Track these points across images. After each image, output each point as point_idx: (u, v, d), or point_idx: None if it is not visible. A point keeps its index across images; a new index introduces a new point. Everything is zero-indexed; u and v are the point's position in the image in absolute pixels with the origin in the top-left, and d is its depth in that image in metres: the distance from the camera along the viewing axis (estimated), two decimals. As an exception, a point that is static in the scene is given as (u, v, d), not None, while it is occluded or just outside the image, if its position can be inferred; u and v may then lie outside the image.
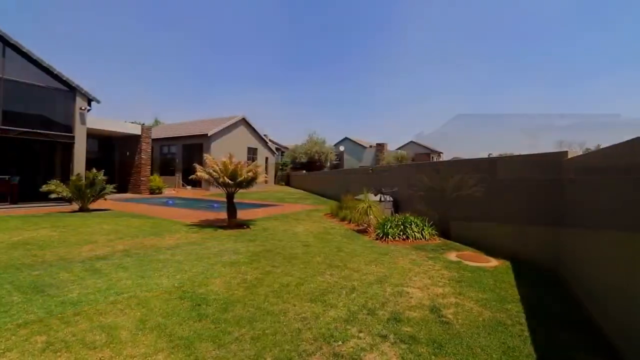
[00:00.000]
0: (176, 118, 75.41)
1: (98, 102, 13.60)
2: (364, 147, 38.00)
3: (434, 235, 6.88)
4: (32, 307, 3.22)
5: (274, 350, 2.46)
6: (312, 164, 31.87)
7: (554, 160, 4.70)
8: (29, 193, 12.69)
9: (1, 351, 2.44)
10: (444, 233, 7.00)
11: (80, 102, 13.08)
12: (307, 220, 9.22)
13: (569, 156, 4.42)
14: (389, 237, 6.58)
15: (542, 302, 3.54)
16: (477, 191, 6.27)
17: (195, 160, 21.95)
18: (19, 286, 3.77)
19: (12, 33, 11.18)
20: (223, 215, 9.60)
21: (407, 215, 7.36)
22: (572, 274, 3.93)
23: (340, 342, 2.59)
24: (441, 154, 47.10)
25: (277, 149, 34.23)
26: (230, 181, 7.47)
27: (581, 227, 3.63)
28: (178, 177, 22.54)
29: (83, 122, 13.19)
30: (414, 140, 47.22)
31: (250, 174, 7.71)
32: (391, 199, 9.23)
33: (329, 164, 34.47)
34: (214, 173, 7.56)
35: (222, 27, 74.75)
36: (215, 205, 13.24)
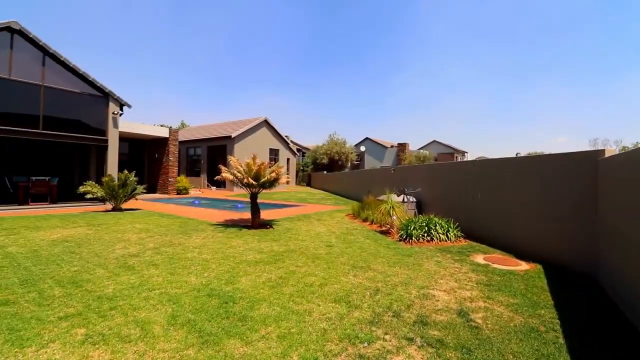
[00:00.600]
0: (201, 120, 77.72)
1: (129, 106, 14.26)
2: (385, 147, 37.61)
3: (459, 237, 6.71)
4: (72, 301, 3.41)
5: (300, 349, 2.48)
6: (333, 165, 31.85)
7: (588, 159, 4.46)
8: (67, 193, 13.51)
9: (45, 342, 2.59)
10: (470, 235, 6.80)
11: (113, 107, 13.76)
12: (329, 221, 9.23)
13: (607, 155, 4.18)
14: (413, 238, 6.48)
15: (578, 309, 3.37)
16: (505, 191, 6.05)
17: (220, 162, 22.56)
18: (60, 281, 4.01)
19: (52, 40, 11.94)
20: (247, 215, 9.78)
21: (432, 216, 7.22)
22: (610, 280, 3.71)
23: (365, 344, 2.58)
24: (465, 154, 45.81)
25: (298, 150, 34.53)
26: (254, 182, 7.61)
27: (620, 231, 3.42)
28: (203, 177, 23.20)
29: (115, 125, 13.87)
30: (437, 139, 46.18)
31: (273, 174, 7.81)
32: (414, 199, 9.07)
33: (349, 164, 34.33)
34: (238, 174, 7.73)
35: (244, 33, 76.36)
36: (239, 205, 13.53)
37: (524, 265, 4.88)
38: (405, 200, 8.99)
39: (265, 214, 9.44)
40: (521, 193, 5.65)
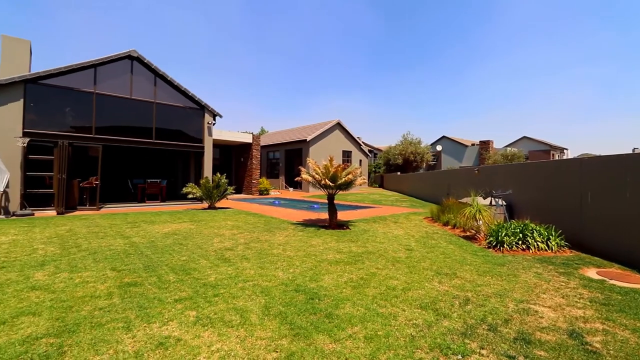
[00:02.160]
0: (278, 126, 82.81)
1: (220, 116, 16.03)
2: (465, 146, 34.77)
3: (563, 247, 5.86)
4: (184, 286, 3.97)
5: (388, 353, 2.47)
6: (407, 165, 30.73)
7: None
8: (172, 193, 15.76)
9: (165, 320, 3.05)
10: (578, 244, 5.89)
11: (207, 118, 15.64)
12: (407, 224, 8.94)
13: None
14: (504, 246, 5.88)
15: None
16: (625, 194, 5.07)
17: (296, 164, 23.71)
18: (173, 268, 4.70)
19: (158, 62, 14.08)
20: (323, 215, 10.09)
21: (527, 222, 6.45)
22: None
23: (459, 356, 2.44)
24: (565, 151, 39.56)
25: (370, 151, 34.23)
26: (331, 183, 7.81)
27: None
28: (282, 179, 24.66)
29: (210, 134, 15.71)
30: (527, 135, 40.78)
31: (349, 176, 7.92)
32: (503, 203, 8.21)
33: (425, 164, 32.67)
34: (317, 176, 8.02)
35: (314, 43, 78.90)
36: (316, 206, 14.00)
37: (655, 285, 4.03)
38: (493, 203, 8.21)
39: (340, 215, 9.58)
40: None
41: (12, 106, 10.80)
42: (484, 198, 8.78)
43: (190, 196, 12.36)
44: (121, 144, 13.25)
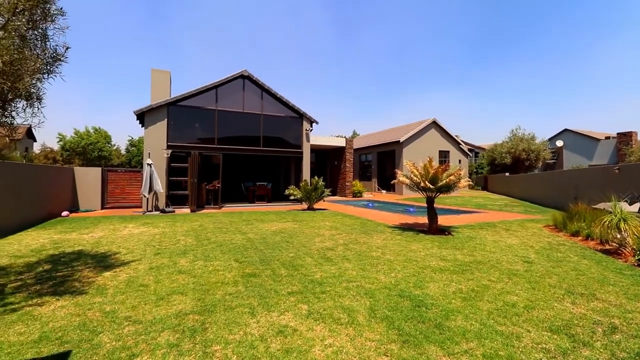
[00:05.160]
0: (369, 128, 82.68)
1: (317, 123, 16.98)
2: (596, 140, 28.63)
3: None
4: (294, 280, 4.34)
5: (513, 375, 2.26)
6: (517, 165, 26.91)
7: None
8: (276, 194, 17.36)
9: (282, 310, 3.40)
10: None
11: (305, 125, 16.78)
12: (522, 232, 7.87)
13: None
14: (666, 265, 4.66)
15: None
16: None
17: (388, 166, 23.31)
18: (283, 263, 5.19)
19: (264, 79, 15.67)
20: (421, 219, 9.68)
21: (703, 237, 4.98)
22: None
23: (608, 393, 2.07)
24: None
25: (470, 150, 31.24)
26: (431, 185, 7.45)
27: None
28: (374, 181, 24.56)
29: (307, 140, 16.81)
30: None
31: (451, 177, 7.42)
32: (662, 211, 6.50)
33: (541, 163, 28.06)
34: (415, 178, 7.74)
35: (405, 42, 75.96)
36: (412, 209, 13.50)
37: None
38: (646, 211, 6.58)
39: (441, 220, 9.00)
40: None
41: (160, 125, 13.59)
42: (630, 204, 7.15)
43: (291, 197, 13.42)
44: (236, 151, 15.29)
